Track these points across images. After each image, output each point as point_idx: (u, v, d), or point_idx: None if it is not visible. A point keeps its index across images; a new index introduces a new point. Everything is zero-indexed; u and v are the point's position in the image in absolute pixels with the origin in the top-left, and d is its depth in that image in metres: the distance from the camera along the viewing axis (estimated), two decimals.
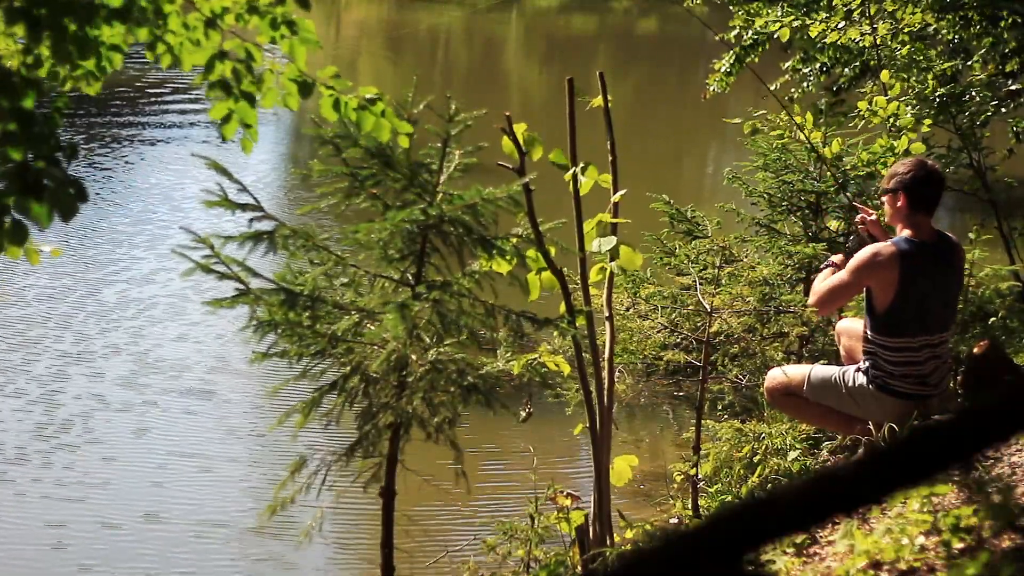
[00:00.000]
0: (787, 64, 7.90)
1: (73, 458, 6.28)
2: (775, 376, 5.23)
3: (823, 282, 5.11)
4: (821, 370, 5.20)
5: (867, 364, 5.01)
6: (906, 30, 6.82)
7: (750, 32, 7.56)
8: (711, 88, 7.74)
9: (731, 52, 7.76)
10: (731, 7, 7.77)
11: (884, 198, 5.11)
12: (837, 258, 5.28)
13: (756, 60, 7.65)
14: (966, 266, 6.29)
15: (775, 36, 7.43)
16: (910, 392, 4.95)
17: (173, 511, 5.87)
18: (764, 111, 6.94)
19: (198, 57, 3.16)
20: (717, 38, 7.91)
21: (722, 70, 7.65)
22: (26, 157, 2.66)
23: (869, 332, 5.01)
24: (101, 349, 7.70)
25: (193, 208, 10.87)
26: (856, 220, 5.47)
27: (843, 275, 4.99)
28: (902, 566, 3.25)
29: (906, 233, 4.96)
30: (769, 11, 7.58)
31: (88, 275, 9.07)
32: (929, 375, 4.97)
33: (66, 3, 2.73)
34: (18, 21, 2.73)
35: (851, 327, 5.34)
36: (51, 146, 2.70)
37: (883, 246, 4.96)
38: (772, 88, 7.50)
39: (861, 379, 5.02)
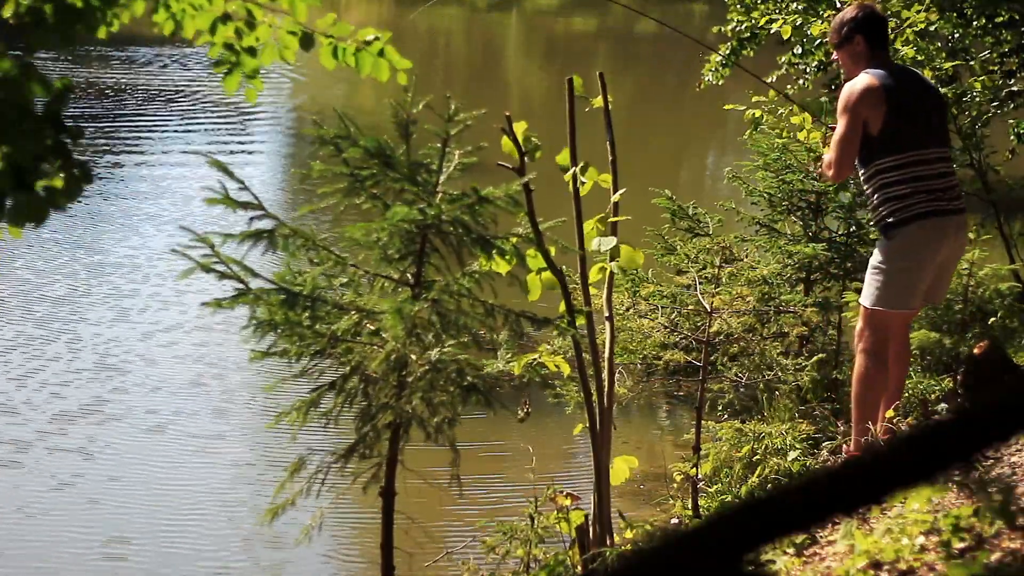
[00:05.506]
0: (783, 58, 7.86)
1: (68, 458, 6.28)
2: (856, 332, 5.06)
3: (827, 154, 5.01)
4: (866, 285, 5.01)
5: (884, 214, 4.87)
6: (909, 31, 6.80)
7: (744, 26, 7.51)
8: (706, 78, 7.69)
9: (727, 44, 7.72)
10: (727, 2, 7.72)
11: (837, 54, 5.06)
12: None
13: (751, 54, 7.61)
14: (966, 266, 6.30)
15: (773, 32, 7.39)
16: (932, 209, 4.83)
17: (170, 511, 5.86)
18: (764, 99, 6.91)
19: (200, 22, 3.13)
20: (715, 30, 7.89)
21: (717, 59, 7.60)
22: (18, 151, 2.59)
23: (875, 163, 4.88)
24: (96, 348, 7.69)
25: (191, 208, 10.86)
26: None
27: (839, 127, 4.90)
28: (902, 566, 3.25)
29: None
30: (766, 6, 7.54)
31: (87, 273, 9.05)
32: (944, 190, 4.87)
33: None
34: None
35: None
36: (52, 132, 2.61)
37: (857, 78, 4.90)
38: (768, 81, 7.49)
39: (886, 241, 4.89)
